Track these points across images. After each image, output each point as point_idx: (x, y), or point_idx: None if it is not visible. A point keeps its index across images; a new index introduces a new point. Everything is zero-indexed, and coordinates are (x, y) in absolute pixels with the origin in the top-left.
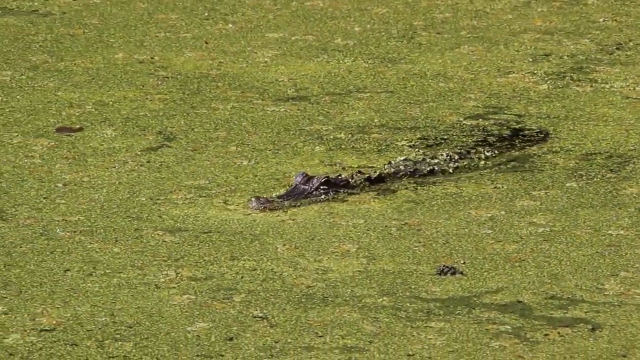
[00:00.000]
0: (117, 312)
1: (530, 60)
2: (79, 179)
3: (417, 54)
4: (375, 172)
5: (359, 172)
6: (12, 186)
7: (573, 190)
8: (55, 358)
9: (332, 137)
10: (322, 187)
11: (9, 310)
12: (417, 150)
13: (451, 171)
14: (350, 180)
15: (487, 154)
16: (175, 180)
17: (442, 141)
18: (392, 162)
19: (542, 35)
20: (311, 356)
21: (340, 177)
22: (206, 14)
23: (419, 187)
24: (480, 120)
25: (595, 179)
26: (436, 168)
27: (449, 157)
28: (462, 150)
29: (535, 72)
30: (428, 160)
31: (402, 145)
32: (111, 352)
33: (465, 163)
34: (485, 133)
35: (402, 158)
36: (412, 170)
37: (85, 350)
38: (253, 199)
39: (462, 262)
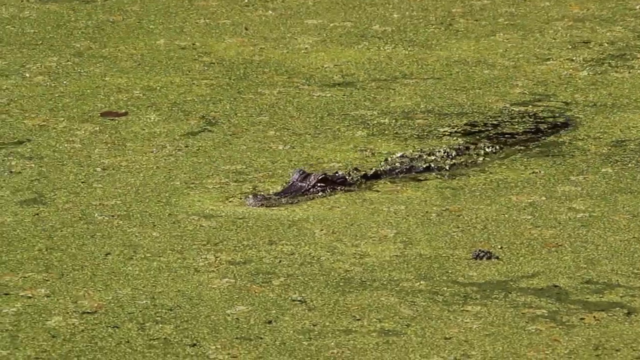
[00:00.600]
0: (157, 295)
1: (570, 47)
2: (117, 163)
3: (454, 40)
4: (372, 169)
5: (355, 169)
6: (52, 170)
7: (610, 176)
8: (97, 340)
9: (375, 122)
10: (319, 185)
11: (52, 293)
12: (455, 137)
13: (447, 168)
14: (347, 177)
15: (487, 149)
16: (212, 165)
17: (485, 128)
18: (389, 159)
19: (575, 23)
20: (349, 339)
21: (337, 174)
22: (246, 1)
23: (457, 175)
24: (526, 107)
25: (629, 165)
26: (432, 165)
27: (445, 153)
28: (460, 147)
29: (574, 59)
30: (425, 157)
31: (443, 131)
32: (152, 335)
33: (462, 160)
34: (511, 119)
35: (399, 154)
36: (408, 167)
37: (126, 332)
38: (250, 196)
39: (499, 247)
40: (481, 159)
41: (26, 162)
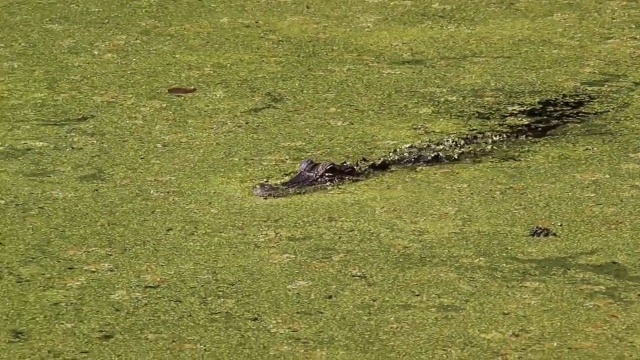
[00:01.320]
0: (218, 270)
1: (633, 26)
2: (177, 139)
3: (512, 19)
4: (379, 159)
5: (363, 159)
6: (113, 147)
7: None
8: (160, 313)
9: (443, 100)
10: (327, 175)
11: (115, 267)
12: (520, 118)
13: (456, 157)
14: (355, 167)
15: (495, 138)
16: (273, 142)
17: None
18: (397, 149)
19: (629, 2)
20: (408, 314)
21: (345, 164)
22: None
23: (522, 153)
24: (596, 87)
25: None
26: (441, 154)
27: (454, 142)
28: (468, 136)
29: (638, 37)
30: (433, 146)
31: (512, 110)
32: (214, 309)
33: (470, 148)
34: (590, 99)
35: (407, 145)
36: (416, 157)
37: (188, 306)
38: (258, 186)
39: (559, 224)
40: (489, 147)
41: (88, 139)
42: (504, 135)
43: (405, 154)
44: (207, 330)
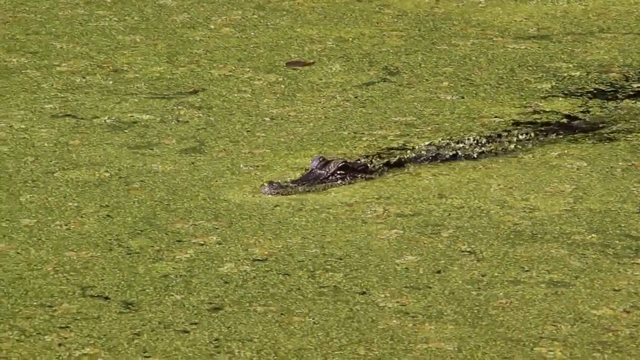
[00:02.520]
0: (326, 244)
1: None
2: (286, 113)
3: None
4: (395, 156)
5: (378, 156)
6: (219, 120)
7: None
8: (268, 287)
9: (566, 75)
10: (338, 172)
11: (223, 240)
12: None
13: (476, 156)
14: (368, 165)
15: (521, 136)
16: (383, 116)
17: None
18: (417, 147)
19: None
20: (517, 290)
21: (358, 162)
22: None
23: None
24: None
25: None
26: (459, 153)
27: (475, 141)
28: (492, 134)
29: None
30: (452, 144)
31: (637, 87)
32: (322, 282)
33: (492, 147)
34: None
35: (426, 143)
36: (434, 155)
37: (297, 279)
38: (266, 184)
39: None
40: (512, 146)
41: (194, 112)
42: (530, 134)
43: (422, 152)
44: (315, 303)
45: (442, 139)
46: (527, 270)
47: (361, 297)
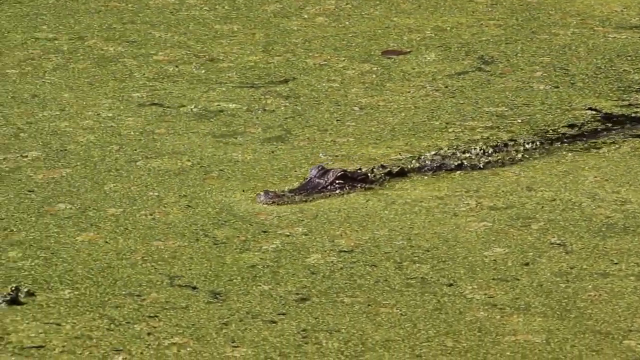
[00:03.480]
0: (414, 236)
1: None
2: (375, 103)
3: None
4: (398, 166)
5: (381, 165)
6: (307, 109)
7: None
8: (355, 277)
9: None
10: (337, 182)
11: (309, 231)
12: None
13: (482, 166)
14: (369, 174)
15: (527, 146)
16: (475, 106)
17: None
18: (421, 156)
19: None
20: (606, 282)
21: (359, 171)
22: None
23: None
24: None
25: None
26: (465, 163)
27: (481, 150)
28: (499, 144)
29: None
30: (458, 154)
31: None
32: (409, 274)
33: (499, 157)
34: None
35: (432, 152)
36: (438, 164)
37: (384, 270)
38: (262, 193)
39: None
40: (520, 155)
41: (281, 101)
42: (537, 143)
43: (427, 162)
44: (402, 294)
45: (448, 148)
46: (616, 263)
47: (449, 289)
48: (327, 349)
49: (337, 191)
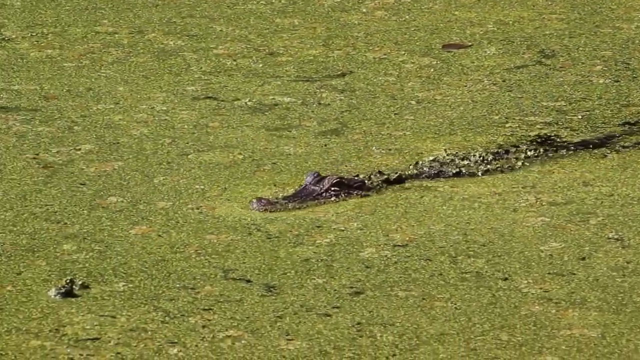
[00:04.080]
0: (469, 231)
1: None
2: (431, 97)
3: None
4: (396, 172)
5: (379, 172)
6: (363, 103)
7: None
8: (410, 271)
9: None
10: (332, 189)
11: (364, 226)
12: None
13: (480, 174)
14: (366, 181)
15: (529, 153)
16: (533, 100)
17: None
18: (419, 162)
19: None
20: None
21: (356, 178)
22: None
23: None
24: None
25: None
26: (464, 170)
27: (481, 157)
28: (500, 150)
29: None
30: (457, 161)
31: None
32: (464, 268)
33: (498, 165)
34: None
35: (430, 158)
36: (436, 172)
37: (438, 265)
38: (254, 200)
39: None
40: (520, 163)
41: (336, 95)
42: (539, 150)
43: (425, 169)
44: (457, 289)
45: (446, 155)
46: None
47: (504, 283)
48: (382, 342)
49: (333, 198)
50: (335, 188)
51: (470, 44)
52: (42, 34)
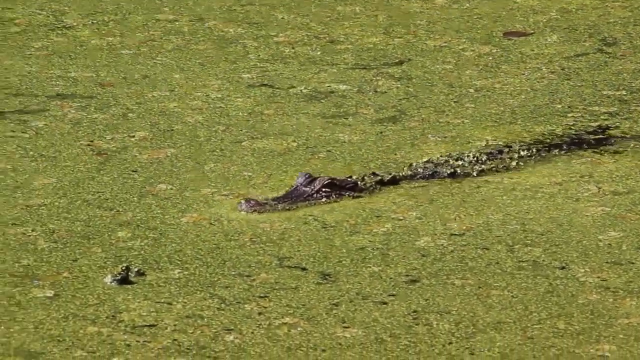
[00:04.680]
0: (527, 221)
1: None
2: (490, 85)
3: None
4: (390, 173)
5: (373, 173)
6: (420, 90)
7: None
8: (467, 260)
9: None
10: (324, 190)
11: (422, 215)
12: None
13: (475, 174)
14: (359, 182)
15: (522, 153)
16: (594, 89)
17: None
18: (413, 164)
19: None
20: None
21: (349, 179)
22: None
23: None
24: None
25: None
26: (458, 171)
27: (475, 158)
28: (494, 151)
29: None
30: (451, 162)
31: None
32: (520, 257)
33: (493, 165)
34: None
35: (424, 160)
36: (430, 172)
37: (495, 254)
38: (243, 201)
39: None
40: (514, 163)
41: (393, 83)
42: (533, 150)
43: (419, 170)
44: (514, 277)
45: (440, 156)
46: None
47: (561, 272)
48: (438, 330)
49: (323, 200)
50: (327, 189)
51: (532, 31)
52: (103, 22)
